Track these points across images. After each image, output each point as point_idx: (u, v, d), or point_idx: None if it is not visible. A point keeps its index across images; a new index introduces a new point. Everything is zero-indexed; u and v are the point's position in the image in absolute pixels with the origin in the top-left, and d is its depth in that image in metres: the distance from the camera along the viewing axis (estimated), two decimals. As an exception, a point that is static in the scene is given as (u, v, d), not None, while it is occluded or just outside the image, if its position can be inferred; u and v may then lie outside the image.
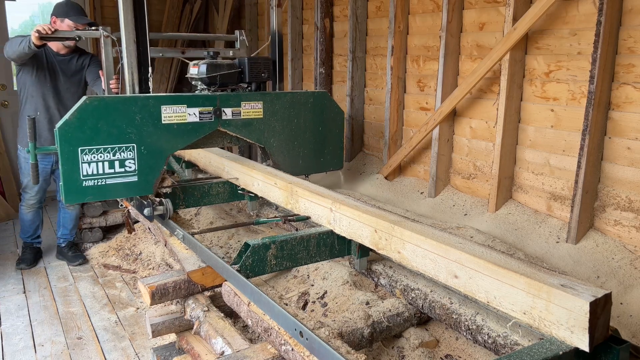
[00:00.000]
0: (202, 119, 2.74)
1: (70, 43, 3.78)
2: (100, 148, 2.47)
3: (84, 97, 2.44)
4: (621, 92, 2.67)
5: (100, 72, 3.64)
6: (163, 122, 2.62)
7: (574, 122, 2.90)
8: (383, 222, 1.92)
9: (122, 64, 2.71)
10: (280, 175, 2.73)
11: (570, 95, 2.93)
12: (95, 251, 4.35)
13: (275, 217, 2.73)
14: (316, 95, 3.23)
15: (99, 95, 3.68)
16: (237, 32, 3.84)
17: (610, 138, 2.75)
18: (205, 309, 2.36)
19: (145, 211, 2.66)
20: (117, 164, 2.53)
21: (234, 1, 6.09)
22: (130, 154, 2.55)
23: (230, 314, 2.38)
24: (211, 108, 2.77)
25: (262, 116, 2.99)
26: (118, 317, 3.34)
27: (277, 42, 3.35)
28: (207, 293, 2.53)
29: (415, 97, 4.01)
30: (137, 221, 4.23)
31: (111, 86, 3.41)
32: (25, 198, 4.05)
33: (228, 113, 2.84)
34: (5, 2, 5.69)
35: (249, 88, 3.06)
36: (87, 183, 2.47)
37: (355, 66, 4.47)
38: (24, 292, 3.71)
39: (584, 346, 1.30)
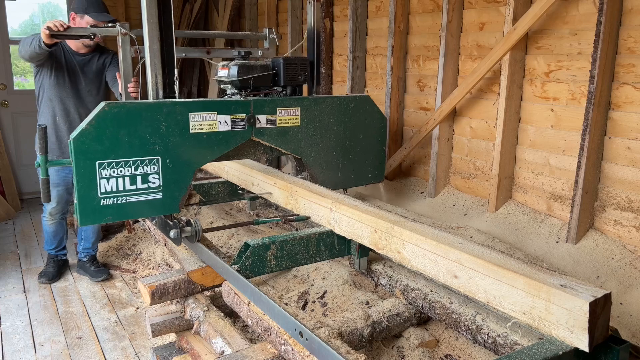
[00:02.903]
0: (234, 128, 2.44)
1: (90, 42, 3.43)
2: (120, 162, 2.17)
3: (102, 103, 2.14)
4: (621, 92, 2.67)
5: (117, 73, 3.28)
6: (191, 131, 2.32)
7: (574, 122, 2.90)
8: (383, 222, 1.92)
9: (145, 65, 2.44)
10: (280, 175, 2.73)
11: (570, 95, 2.93)
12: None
13: (275, 217, 2.73)
14: (357, 99, 2.93)
15: (119, 100, 3.37)
16: (266, 30, 3.51)
17: (610, 138, 2.75)
18: (205, 308, 2.36)
19: (171, 233, 2.35)
20: (139, 179, 2.22)
21: (234, 1, 6.09)
22: (154, 168, 2.25)
23: (230, 314, 2.38)
24: (244, 115, 2.46)
25: (299, 124, 2.68)
26: (118, 317, 3.34)
27: (316, 41, 2.96)
28: (207, 293, 2.53)
29: (415, 97, 4.01)
30: (137, 221, 4.24)
31: (129, 90, 3.07)
32: (46, 209, 3.76)
33: (262, 121, 2.54)
34: (5, 2, 5.69)
35: (284, 92, 2.77)
36: (105, 201, 2.16)
37: (355, 66, 4.47)
38: (24, 292, 3.71)
39: (584, 346, 1.30)
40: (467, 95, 3.47)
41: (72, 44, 3.53)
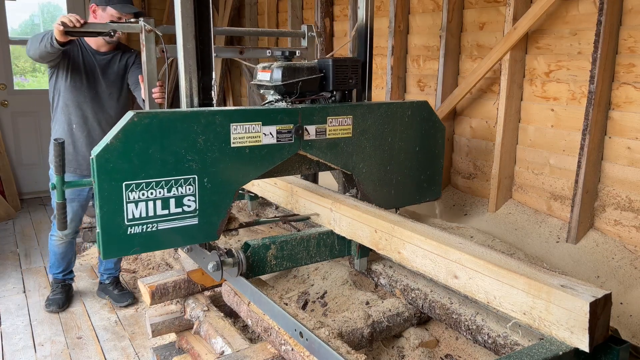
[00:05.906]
0: (280, 140, 2.09)
1: (113, 38, 2.81)
2: (151, 182, 1.83)
3: (129, 113, 1.78)
4: (621, 92, 2.67)
5: (140, 76, 2.88)
6: (232, 145, 1.98)
7: (574, 121, 2.90)
8: (383, 222, 1.92)
9: (177, 66, 2.10)
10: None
11: (570, 95, 2.93)
12: (95, 251, 4.35)
13: (275, 217, 2.73)
14: (415, 105, 2.54)
15: (147, 108, 2.83)
16: (304, 27, 3.10)
17: (610, 138, 2.75)
18: (205, 308, 2.36)
19: (210, 266, 1.99)
20: (172, 202, 1.88)
21: (234, 1, 6.09)
22: (189, 189, 1.91)
23: (230, 314, 2.38)
24: (291, 126, 2.11)
25: (350, 135, 2.32)
26: (118, 317, 3.34)
27: (368, 39, 2.56)
28: (207, 293, 2.53)
29: (416, 97, 4.01)
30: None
31: (154, 95, 2.67)
32: (56, 228, 3.23)
33: (311, 132, 2.18)
34: (5, 2, 5.69)
35: (333, 98, 2.40)
36: (133, 230, 1.82)
37: (355, 66, 4.46)
38: (24, 292, 3.71)
39: (584, 346, 1.30)
40: (467, 95, 3.47)
41: (92, 42, 3.17)
